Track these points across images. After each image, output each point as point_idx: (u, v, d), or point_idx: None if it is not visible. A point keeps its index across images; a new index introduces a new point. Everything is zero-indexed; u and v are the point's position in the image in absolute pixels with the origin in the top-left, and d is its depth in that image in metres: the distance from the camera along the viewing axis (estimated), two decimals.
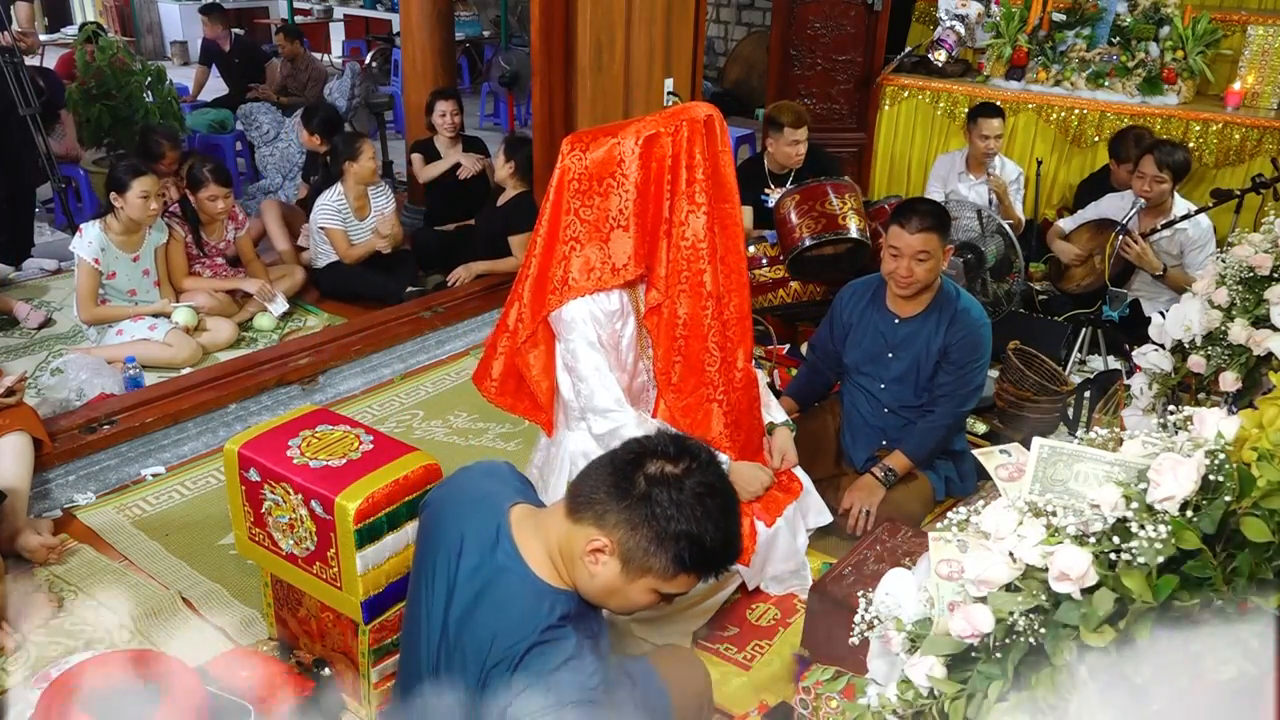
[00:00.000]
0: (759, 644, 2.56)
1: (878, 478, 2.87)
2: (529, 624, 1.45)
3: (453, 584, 1.55)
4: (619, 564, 1.44)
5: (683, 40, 4.69)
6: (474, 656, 1.48)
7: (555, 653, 1.43)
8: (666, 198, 2.32)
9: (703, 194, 2.31)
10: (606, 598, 1.50)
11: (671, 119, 2.31)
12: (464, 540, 1.56)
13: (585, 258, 2.37)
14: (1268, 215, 2.56)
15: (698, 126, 2.29)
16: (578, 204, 2.35)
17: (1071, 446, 1.23)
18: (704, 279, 2.35)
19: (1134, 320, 4.00)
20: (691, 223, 2.32)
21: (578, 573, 1.48)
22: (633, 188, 2.30)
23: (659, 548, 1.42)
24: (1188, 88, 5.40)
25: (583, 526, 1.46)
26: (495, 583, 1.51)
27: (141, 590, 2.73)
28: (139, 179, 3.87)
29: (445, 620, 1.55)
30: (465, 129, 5.42)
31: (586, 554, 1.44)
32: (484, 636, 1.47)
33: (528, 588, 1.49)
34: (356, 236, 4.67)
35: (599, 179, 2.32)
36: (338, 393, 3.88)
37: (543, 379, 2.56)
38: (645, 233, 2.34)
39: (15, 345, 4.21)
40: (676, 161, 2.29)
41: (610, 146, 2.31)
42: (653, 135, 2.28)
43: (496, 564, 1.52)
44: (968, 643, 1.18)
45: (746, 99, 8.61)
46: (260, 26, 10.73)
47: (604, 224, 2.35)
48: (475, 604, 1.51)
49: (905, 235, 2.76)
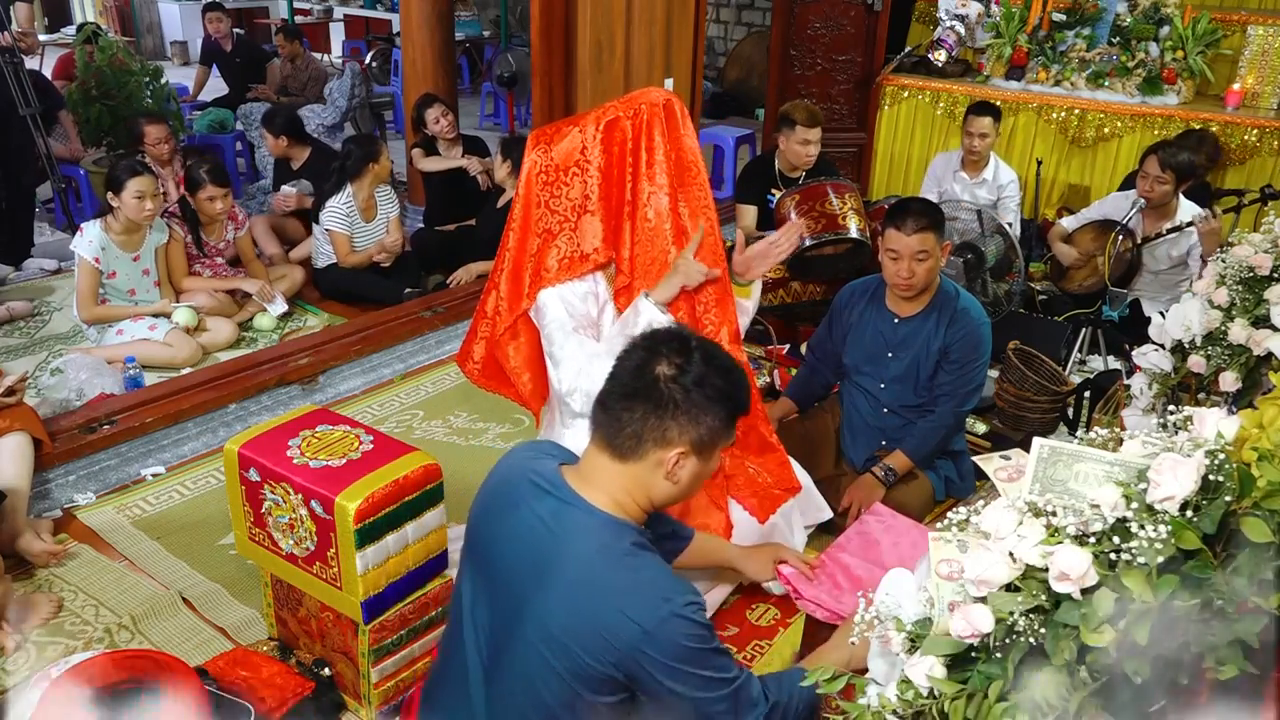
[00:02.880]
0: (759, 644, 2.56)
1: (878, 477, 2.87)
2: (612, 550, 1.56)
3: (522, 539, 1.61)
4: (695, 458, 1.61)
5: (683, 40, 4.69)
6: (565, 600, 1.54)
7: (644, 565, 1.57)
8: (629, 179, 2.35)
9: (663, 174, 2.34)
10: (691, 490, 1.67)
11: (630, 103, 2.36)
12: (523, 501, 1.64)
13: (557, 248, 2.41)
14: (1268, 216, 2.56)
15: (656, 110, 2.34)
16: (546, 196, 2.40)
17: (1071, 446, 1.22)
18: (669, 259, 2.37)
19: (1134, 320, 4.01)
20: (654, 203, 2.36)
21: (657, 493, 1.62)
22: (596, 172, 2.35)
23: (716, 419, 1.60)
24: (1188, 88, 5.41)
25: (646, 459, 1.59)
26: (565, 522, 1.59)
27: (141, 590, 2.73)
28: (134, 179, 3.87)
29: (519, 584, 1.60)
30: (465, 129, 5.42)
31: (669, 472, 1.59)
32: (571, 578, 1.55)
33: (594, 520, 1.59)
34: (361, 237, 4.67)
35: (564, 169, 2.37)
36: (338, 393, 3.88)
37: (523, 370, 2.58)
38: (611, 215, 2.38)
39: (15, 345, 4.21)
40: (637, 144, 2.33)
41: (572, 136, 2.36)
42: (612, 120, 2.33)
43: (562, 504, 1.61)
44: (968, 643, 1.18)
45: (746, 99, 8.62)
46: (260, 26, 10.74)
47: (572, 212, 2.39)
48: (554, 548, 1.58)
49: (902, 237, 2.76)
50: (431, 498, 2.17)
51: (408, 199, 5.79)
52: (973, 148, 4.65)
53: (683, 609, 1.50)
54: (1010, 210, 4.67)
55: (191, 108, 7.06)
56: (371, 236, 4.71)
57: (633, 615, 1.49)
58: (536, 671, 1.57)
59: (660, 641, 1.48)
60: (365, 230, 4.68)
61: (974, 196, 4.67)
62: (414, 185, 5.73)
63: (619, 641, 1.49)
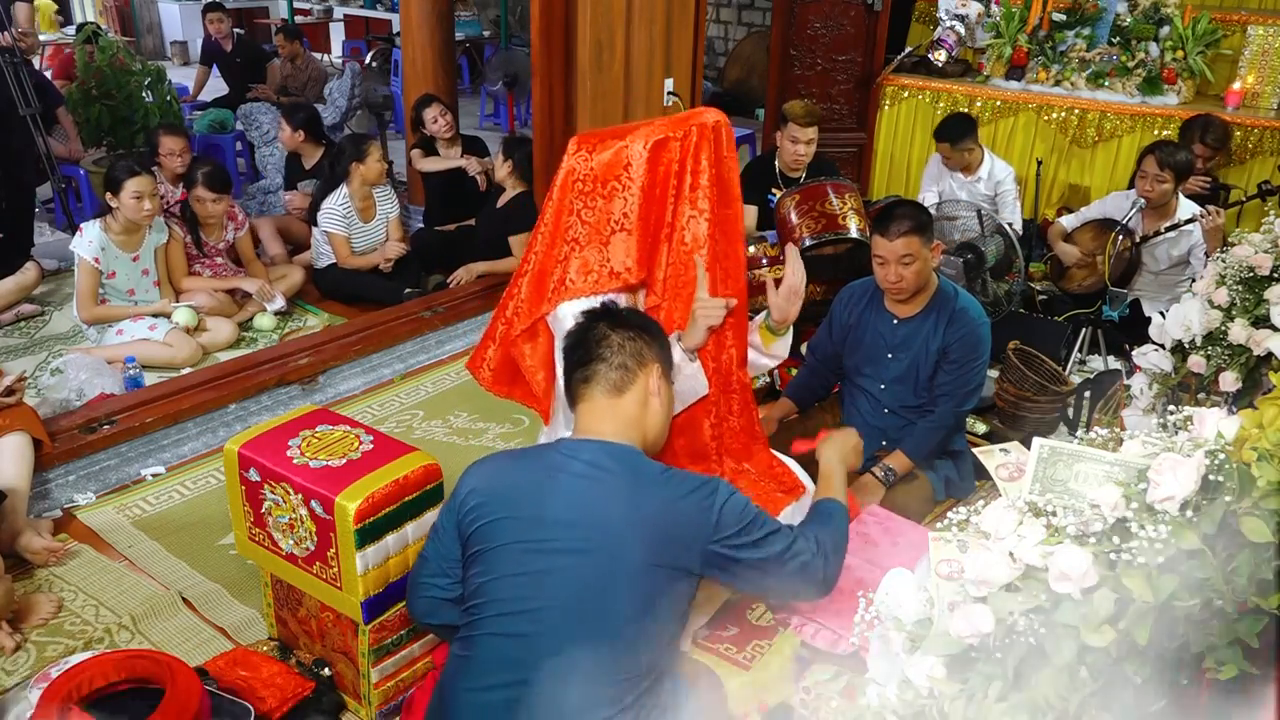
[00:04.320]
0: (759, 644, 2.56)
1: (878, 477, 2.87)
2: (649, 470, 1.80)
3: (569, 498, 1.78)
4: (664, 380, 1.92)
5: (683, 40, 4.69)
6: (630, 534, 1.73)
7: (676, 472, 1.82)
8: (670, 202, 2.30)
9: (706, 199, 2.29)
10: (669, 415, 1.95)
11: (680, 124, 2.29)
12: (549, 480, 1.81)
13: (584, 259, 2.35)
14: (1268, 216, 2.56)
15: (706, 132, 2.28)
16: (580, 205, 2.34)
17: (1071, 446, 1.23)
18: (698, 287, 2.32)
19: (1134, 320, 4.00)
20: (692, 227, 2.31)
21: (649, 419, 1.87)
22: (638, 191, 2.28)
23: (661, 338, 1.95)
24: (1188, 88, 5.40)
25: (636, 385, 1.85)
26: (604, 465, 1.78)
27: (141, 590, 2.73)
28: (132, 179, 3.86)
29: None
30: (465, 129, 5.42)
31: (654, 390, 1.87)
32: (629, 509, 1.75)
33: (626, 451, 1.82)
34: (360, 238, 4.67)
35: (604, 181, 2.30)
36: (338, 393, 3.88)
37: (538, 369, 2.55)
38: (648, 235, 2.33)
39: (15, 345, 4.21)
40: (683, 166, 2.28)
41: (618, 150, 2.28)
42: (661, 140, 2.26)
43: (597, 452, 1.81)
44: (968, 643, 1.18)
45: (746, 99, 8.61)
46: (260, 26, 10.73)
47: (605, 226, 2.33)
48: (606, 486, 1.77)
49: (886, 243, 2.79)
50: (431, 498, 2.17)
51: (408, 199, 5.79)
52: (950, 165, 4.75)
53: (727, 490, 1.78)
54: (1009, 205, 4.68)
55: (191, 108, 7.06)
56: (370, 237, 4.70)
57: (696, 512, 1.73)
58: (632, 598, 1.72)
59: (725, 520, 1.73)
60: (364, 231, 4.67)
61: (971, 194, 4.67)
62: (414, 185, 5.73)
63: (696, 539, 1.72)
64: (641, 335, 1.88)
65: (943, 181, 4.85)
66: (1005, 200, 4.69)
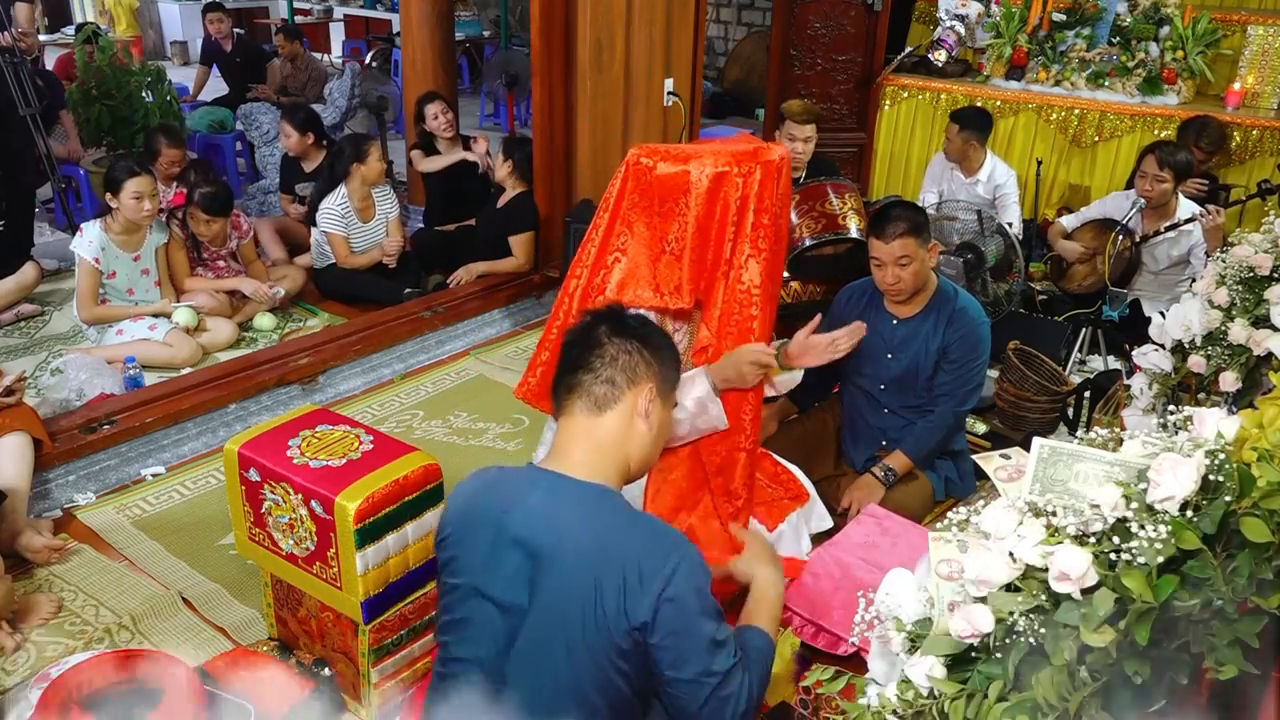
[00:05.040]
0: None
1: (877, 477, 2.87)
2: (614, 515, 1.59)
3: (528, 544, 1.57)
4: (659, 401, 1.70)
5: (683, 40, 4.69)
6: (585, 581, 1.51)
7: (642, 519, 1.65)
8: (729, 239, 2.24)
9: (765, 240, 2.24)
10: (659, 441, 1.73)
11: (747, 159, 2.23)
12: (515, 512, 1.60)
13: (627, 271, 2.30)
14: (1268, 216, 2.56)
15: (771, 170, 2.22)
16: (634, 217, 2.29)
17: (1071, 446, 1.22)
18: (753, 325, 2.29)
19: (1134, 320, 4.00)
20: (750, 267, 2.25)
21: (634, 445, 1.67)
22: (693, 220, 2.22)
23: (668, 359, 1.73)
24: (1188, 88, 5.41)
25: (622, 403, 1.65)
26: (559, 505, 1.59)
27: (141, 590, 2.73)
28: (132, 179, 3.85)
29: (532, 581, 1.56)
30: (465, 129, 5.42)
31: (642, 412, 1.66)
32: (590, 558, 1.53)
33: (587, 493, 1.60)
34: (359, 238, 4.66)
35: (661, 200, 2.25)
36: (338, 393, 3.88)
37: None
38: (701, 268, 2.27)
39: (15, 345, 4.20)
40: (744, 204, 2.22)
41: (679, 172, 2.22)
42: (723, 174, 2.20)
43: (551, 490, 1.61)
44: (968, 643, 1.18)
45: (746, 99, 8.61)
46: (260, 26, 10.73)
47: (656, 244, 2.28)
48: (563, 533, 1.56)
49: (882, 245, 2.79)
50: (431, 498, 2.17)
51: (408, 199, 5.79)
52: (949, 152, 4.74)
53: (694, 552, 1.55)
54: (1009, 207, 4.68)
55: (191, 108, 7.06)
56: (369, 237, 4.70)
57: (653, 567, 1.49)
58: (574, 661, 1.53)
59: (680, 589, 1.49)
60: (363, 231, 4.67)
61: (971, 195, 4.67)
62: (414, 185, 5.73)
63: (645, 598, 1.48)
64: (641, 350, 1.68)
65: (943, 182, 4.85)
66: (1005, 202, 4.68)
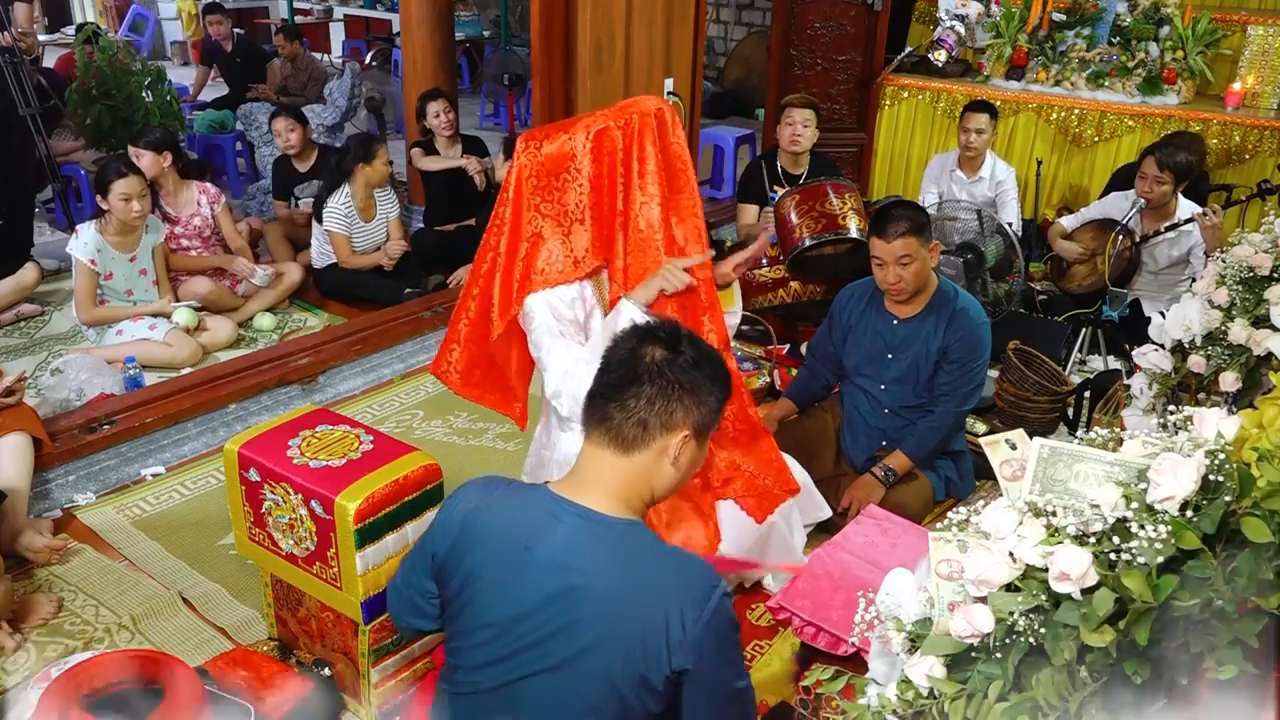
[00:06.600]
0: (759, 644, 2.56)
1: (878, 477, 2.88)
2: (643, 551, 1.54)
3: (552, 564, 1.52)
4: (694, 441, 1.59)
5: (683, 40, 4.69)
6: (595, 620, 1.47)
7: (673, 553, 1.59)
8: (620, 190, 2.34)
9: (654, 184, 2.34)
10: (686, 477, 1.65)
11: (621, 112, 2.35)
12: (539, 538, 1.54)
13: (548, 252, 2.39)
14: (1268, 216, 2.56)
15: (647, 119, 2.33)
16: (537, 200, 2.38)
17: (1071, 446, 1.23)
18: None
19: (1134, 320, 4.00)
20: (645, 213, 2.35)
21: (659, 481, 1.59)
22: (586, 181, 2.33)
23: (714, 399, 1.61)
24: (1188, 88, 5.40)
25: (652, 446, 1.56)
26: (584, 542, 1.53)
27: (141, 590, 2.73)
28: (119, 180, 3.84)
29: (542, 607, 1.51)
30: (465, 129, 5.41)
31: (672, 457, 1.57)
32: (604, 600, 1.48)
33: (614, 530, 1.54)
34: (360, 238, 4.66)
35: (555, 174, 2.35)
36: (338, 393, 3.88)
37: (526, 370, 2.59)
38: (602, 225, 2.37)
39: (15, 345, 4.20)
40: (628, 154, 2.32)
41: (562, 142, 2.34)
42: (602, 129, 2.32)
43: (581, 522, 1.54)
44: (968, 643, 1.18)
45: (746, 99, 8.61)
46: (260, 26, 10.72)
47: (564, 218, 2.38)
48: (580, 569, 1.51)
49: (884, 244, 2.80)
50: (431, 498, 2.17)
51: (408, 199, 5.79)
52: (969, 144, 4.64)
53: (724, 591, 1.48)
54: (1010, 204, 4.67)
55: (191, 108, 7.06)
56: (370, 237, 4.70)
57: (694, 615, 1.43)
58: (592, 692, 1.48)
59: (714, 627, 1.44)
60: (364, 230, 4.67)
61: (972, 195, 4.67)
62: (414, 185, 5.73)
63: (687, 643, 1.42)
64: (684, 394, 1.56)
65: (943, 182, 4.85)
66: (1006, 199, 4.68)
